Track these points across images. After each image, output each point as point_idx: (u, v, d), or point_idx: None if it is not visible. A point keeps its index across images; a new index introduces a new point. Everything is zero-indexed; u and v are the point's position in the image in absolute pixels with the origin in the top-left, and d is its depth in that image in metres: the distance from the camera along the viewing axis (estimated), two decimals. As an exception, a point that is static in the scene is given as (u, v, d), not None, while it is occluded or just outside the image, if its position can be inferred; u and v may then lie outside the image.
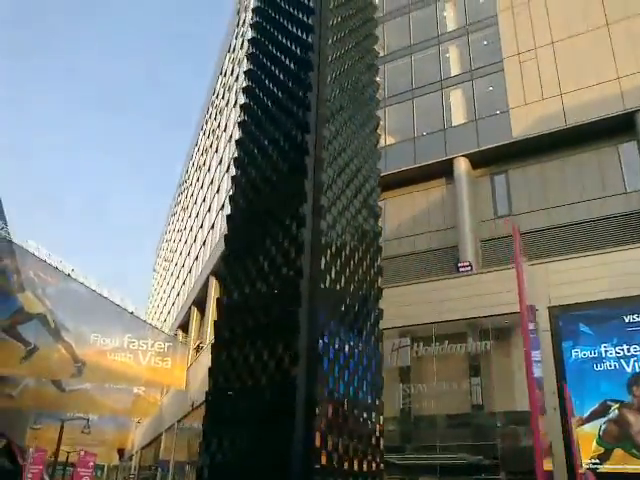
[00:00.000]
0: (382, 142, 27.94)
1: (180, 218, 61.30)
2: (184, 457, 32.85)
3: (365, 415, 10.80)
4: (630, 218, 20.41)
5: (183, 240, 54.64)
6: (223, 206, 36.54)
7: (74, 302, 33.30)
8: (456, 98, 26.39)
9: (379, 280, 13.10)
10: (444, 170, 24.85)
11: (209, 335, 33.84)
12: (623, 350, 17.45)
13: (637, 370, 17.11)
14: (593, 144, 21.81)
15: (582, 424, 17.22)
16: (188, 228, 52.47)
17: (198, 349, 35.47)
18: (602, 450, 16.90)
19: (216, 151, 44.51)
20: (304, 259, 9.64)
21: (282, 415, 8.71)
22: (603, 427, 17.10)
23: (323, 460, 8.79)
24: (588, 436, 17.11)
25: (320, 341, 9.37)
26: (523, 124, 23.13)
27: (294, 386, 8.57)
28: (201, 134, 56.81)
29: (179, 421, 35.52)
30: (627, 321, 17.67)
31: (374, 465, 10.70)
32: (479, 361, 20.73)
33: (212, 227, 38.95)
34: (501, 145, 23.55)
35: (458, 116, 25.79)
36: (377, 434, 10.62)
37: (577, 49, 22.86)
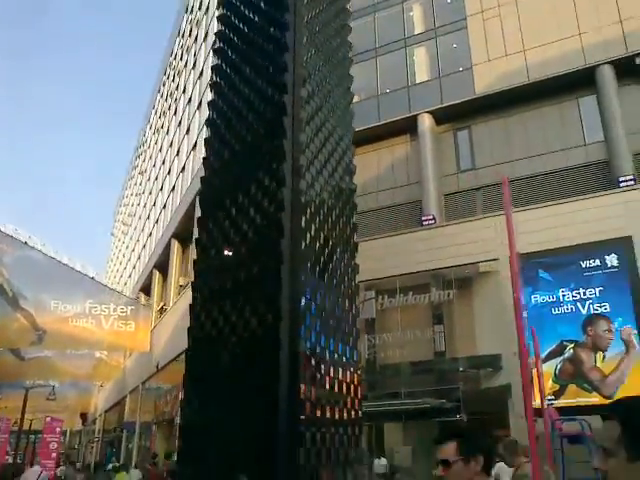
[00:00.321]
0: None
1: (138, 182, 60.09)
2: (150, 417, 32.85)
3: (344, 366, 11.09)
4: (589, 169, 21.10)
5: (142, 204, 53.67)
6: (183, 168, 36.02)
7: (32, 270, 32.54)
8: (420, 56, 26.50)
9: (354, 236, 13.29)
10: (408, 127, 25.06)
11: (172, 297, 33.62)
12: (579, 294, 18.23)
13: (591, 312, 17.93)
14: (554, 99, 22.32)
15: (540, 364, 17.97)
16: (147, 192, 51.51)
17: (162, 311, 35.23)
18: (557, 387, 17.75)
19: (175, 114, 43.61)
20: (284, 218, 9.60)
21: (266, 371, 8.75)
22: (559, 366, 17.93)
23: (307, 410, 8.96)
24: (545, 375, 17.84)
25: (302, 298, 9.40)
26: (486, 80, 23.46)
27: (278, 341, 8.63)
28: (159, 97, 55.45)
29: (144, 383, 35.39)
30: (584, 266, 18.42)
31: (353, 413, 11.04)
32: (442, 310, 21.32)
33: (173, 189, 38.37)
34: (464, 101, 23.84)
35: (422, 74, 25.94)
36: (355, 383, 10.93)
37: (539, 6, 23.18)
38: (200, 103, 34.37)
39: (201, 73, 35.37)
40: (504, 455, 5.45)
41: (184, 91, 41.52)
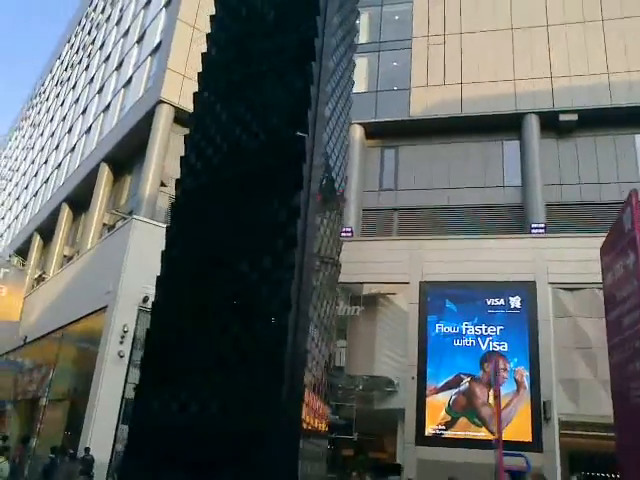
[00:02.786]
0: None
1: (28, 135, 55.07)
2: (6, 395, 29.89)
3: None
4: (504, 210, 21.92)
5: (30, 159, 49.19)
6: (89, 129, 33.31)
7: None
8: (360, 66, 26.23)
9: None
10: (338, 135, 24.75)
11: (53, 267, 30.92)
12: (481, 329, 18.80)
13: (490, 349, 18.55)
14: (482, 136, 23.01)
15: (435, 393, 18.33)
16: (38, 147, 47.29)
17: (39, 280, 32.26)
18: (449, 418, 18.15)
19: (86, 69, 40.40)
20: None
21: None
22: (453, 397, 18.36)
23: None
24: (439, 404, 18.28)
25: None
26: (422, 105, 23.72)
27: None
28: (67, 47, 51.19)
29: (3, 355, 32.24)
30: (489, 303, 19.04)
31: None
32: (347, 325, 21.15)
33: (72, 150, 35.39)
34: (397, 121, 23.95)
35: (360, 84, 25.69)
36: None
37: (482, 43, 23.82)
38: (121, 64, 31.96)
39: (127, 31, 32.94)
40: None
41: (102, 47, 38.53)
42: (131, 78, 29.81)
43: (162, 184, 23.10)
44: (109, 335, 19.03)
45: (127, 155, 27.56)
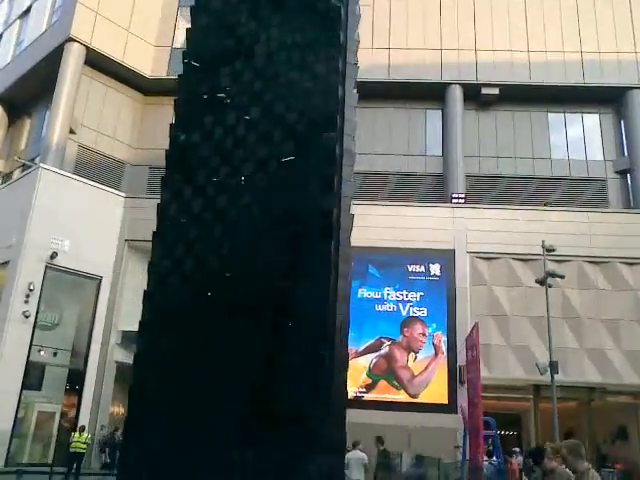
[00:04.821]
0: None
1: None
2: None
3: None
4: (426, 179, 22.36)
5: None
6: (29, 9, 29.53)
7: None
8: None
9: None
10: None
11: None
12: (402, 295, 19.25)
13: (410, 314, 19.09)
14: (406, 103, 23.15)
15: (357, 357, 18.64)
16: None
17: None
18: (370, 381, 18.59)
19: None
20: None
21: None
22: (374, 361, 18.78)
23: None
24: (360, 368, 18.63)
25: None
26: (349, 67, 23.34)
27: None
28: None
29: None
30: (410, 270, 19.48)
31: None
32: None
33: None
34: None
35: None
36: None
37: (411, 11, 23.74)
38: (16, -7, 28.65)
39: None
40: (569, 460, 4.91)
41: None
42: (29, 9, 26.85)
43: (71, 131, 21.23)
44: (12, 293, 17.48)
45: (26, 96, 25.00)
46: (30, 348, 17.71)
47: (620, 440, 20.73)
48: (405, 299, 19.20)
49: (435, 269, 19.47)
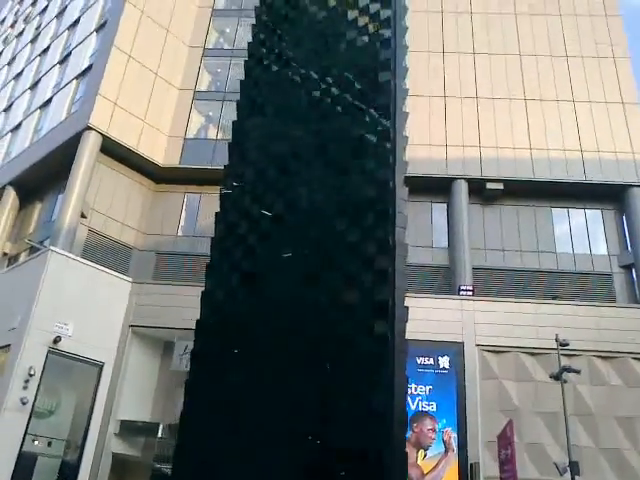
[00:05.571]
0: (213, 135, 26.53)
1: None
2: None
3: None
4: (433, 270, 22.43)
5: None
6: (50, 101, 30.39)
7: None
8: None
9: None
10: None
11: None
12: (410, 388, 18.73)
13: (419, 408, 18.53)
14: (413, 197, 23.51)
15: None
16: None
17: None
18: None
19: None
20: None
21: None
22: (382, 458, 17.97)
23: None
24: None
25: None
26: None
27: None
28: None
29: None
30: (419, 362, 19.11)
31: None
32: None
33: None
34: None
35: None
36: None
37: (417, 107, 24.75)
38: (37, 83, 30.08)
39: (45, 50, 31.13)
40: None
41: (10, 63, 36.03)
42: (50, 100, 27.96)
43: (82, 215, 21.48)
44: (12, 378, 16.97)
45: (39, 180, 25.55)
46: (24, 437, 16.98)
47: None
48: (414, 393, 18.70)
49: (444, 362, 19.11)
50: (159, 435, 19.39)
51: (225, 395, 6.71)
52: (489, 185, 23.29)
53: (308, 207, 7.35)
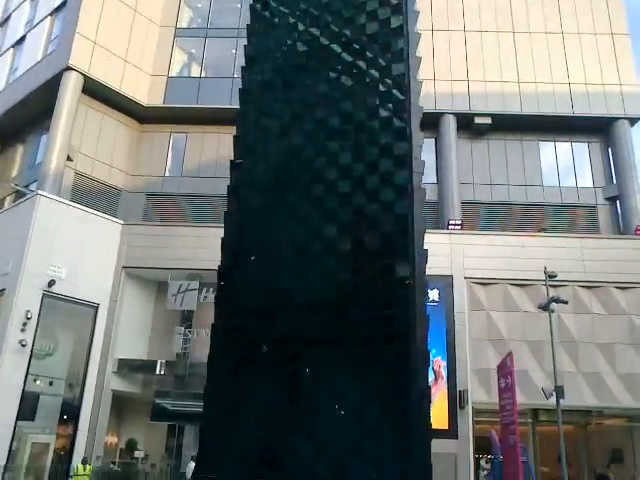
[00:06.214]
0: (197, 73, 25.91)
1: None
2: None
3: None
4: (424, 205, 22.60)
5: None
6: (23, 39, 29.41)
7: None
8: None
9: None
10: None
11: None
12: (401, 321, 19.29)
13: (409, 340, 19.11)
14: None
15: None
16: None
17: None
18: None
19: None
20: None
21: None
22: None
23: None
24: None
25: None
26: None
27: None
28: None
29: None
30: (409, 296, 19.57)
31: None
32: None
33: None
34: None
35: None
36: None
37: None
38: (7, 19, 28.90)
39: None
40: None
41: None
42: (24, 37, 26.97)
43: (68, 158, 21.19)
44: (9, 321, 17.20)
45: (19, 123, 24.96)
46: (26, 378, 17.37)
47: (615, 463, 20.83)
48: (405, 325, 19.23)
49: (434, 295, 19.60)
50: (157, 372, 19.93)
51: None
52: (477, 120, 23.24)
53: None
